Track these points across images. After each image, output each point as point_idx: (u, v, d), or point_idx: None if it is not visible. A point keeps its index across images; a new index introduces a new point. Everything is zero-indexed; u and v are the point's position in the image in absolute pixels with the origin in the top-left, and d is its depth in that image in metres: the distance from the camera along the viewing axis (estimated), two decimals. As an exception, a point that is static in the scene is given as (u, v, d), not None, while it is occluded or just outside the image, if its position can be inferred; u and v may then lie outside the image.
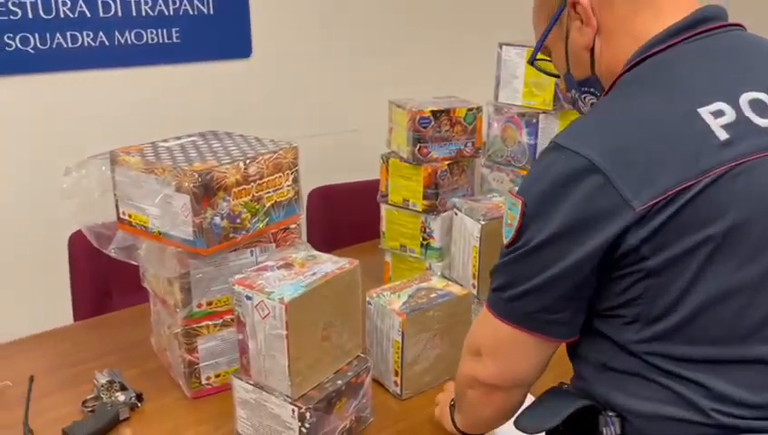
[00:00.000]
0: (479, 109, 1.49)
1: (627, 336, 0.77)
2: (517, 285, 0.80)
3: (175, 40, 2.20)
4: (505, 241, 0.81)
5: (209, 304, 1.19)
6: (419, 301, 1.22)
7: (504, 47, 1.58)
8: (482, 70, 2.04)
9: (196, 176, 1.08)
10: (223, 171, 1.11)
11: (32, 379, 1.26)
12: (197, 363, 1.21)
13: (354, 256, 1.15)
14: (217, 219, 1.12)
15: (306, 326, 1.03)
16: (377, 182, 1.63)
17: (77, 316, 1.66)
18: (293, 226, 1.28)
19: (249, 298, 1.03)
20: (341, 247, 1.82)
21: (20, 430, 1.13)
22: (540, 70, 1.01)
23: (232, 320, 1.20)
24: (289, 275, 1.07)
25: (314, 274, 1.07)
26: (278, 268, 1.09)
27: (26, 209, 2.01)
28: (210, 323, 1.20)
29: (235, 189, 1.14)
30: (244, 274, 1.08)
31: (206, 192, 1.09)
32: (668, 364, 0.75)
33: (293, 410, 1.03)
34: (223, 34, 2.30)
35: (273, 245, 1.25)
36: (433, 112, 1.44)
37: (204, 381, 1.22)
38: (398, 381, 1.22)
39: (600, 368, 0.82)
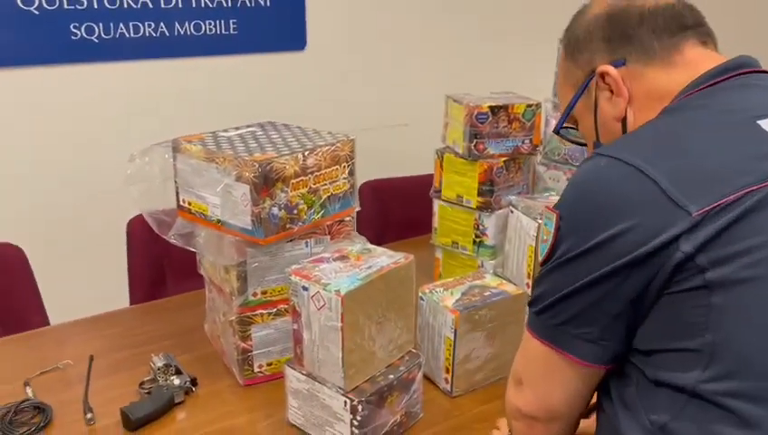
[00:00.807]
0: (538, 105, 1.46)
1: (693, 376, 0.67)
2: (547, 297, 0.76)
3: (232, 31, 2.23)
4: (541, 257, 0.78)
5: (264, 293, 1.20)
6: (473, 299, 1.21)
7: (565, 43, 1.54)
8: (539, 66, 2.00)
9: (257, 166, 1.09)
10: (282, 162, 1.12)
11: (91, 358, 1.30)
12: (251, 351, 1.22)
13: (404, 250, 1.14)
14: (275, 210, 1.13)
15: (361, 319, 1.03)
16: (428, 177, 1.61)
17: (133, 300, 1.70)
18: (348, 218, 1.28)
19: (305, 289, 1.03)
20: (391, 242, 1.82)
21: (80, 407, 1.16)
22: (566, 139, 0.98)
23: (285, 310, 1.21)
24: (345, 267, 1.07)
25: (370, 267, 1.07)
26: (334, 260, 1.09)
27: (87, 194, 2.08)
28: (264, 311, 1.21)
29: (293, 181, 1.15)
30: (300, 264, 1.09)
31: (265, 182, 1.10)
32: (747, 407, 0.65)
33: (345, 402, 1.03)
34: (279, 27, 2.32)
35: (328, 237, 1.25)
36: (491, 108, 1.42)
37: (256, 369, 1.24)
38: (449, 379, 1.21)
39: (657, 433, 0.70)
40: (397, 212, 2.09)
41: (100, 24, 2.01)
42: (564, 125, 0.94)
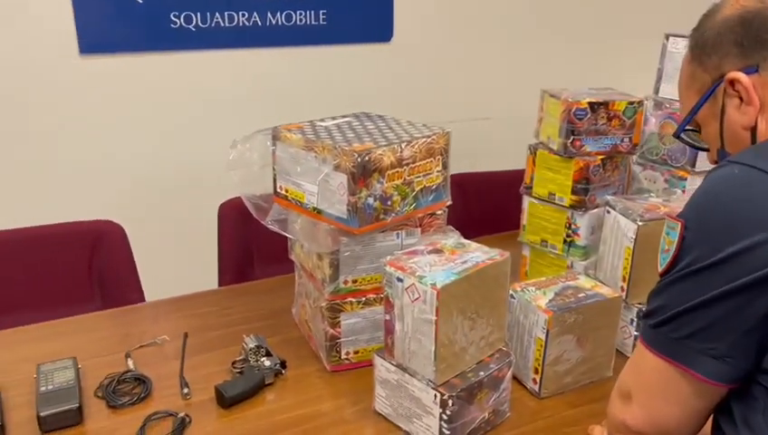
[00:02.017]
0: (640, 103, 1.40)
1: None
2: (668, 309, 0.72)
3: (321, 22, 2.26)
4: (661, 268, 0.74)
5: (354, 281, 1.22)
6: (566, 300, 1.18)
7: (671, 38, 1.47)
8: (631, 62, 1.93)
9: (356, 156, 1.10)
10: (380, 153, 1.13)
11: (186, 336, 1.35)
12: (339, 338, 1.24)
13: (489, 247, 1.12)
14: (371, 200, 1.14)
15: (455, 314, 1.03)
16: (510, 173, 1.58)
17: (221, 282, 1.76)
18: (439, 211, 1.27)
19: (400, 280, 1.03)
20: (473, 237, 1.79)
21: (177, 381, 1.21)
22: (687, 143, 0.94)
23: (374, 299, 1.22)
24: (440, 260, 1.06)
25: (465, 262, 1.06)
26: (428, 253, 1.09)
27: (183, 177, 2.16)
28: (354, 300, 1.22)
29: (389, 172, 1.15)
30: (394, 255, 1.09)
31: (362, 172, 1.11)
32: None
33: (436, 396, 1.03)
34: (366, 18, 2.34)
35: (419, 229, 1.25)
36: (590, 104, 1.37)
37: (343, 356, 1.25)
38: (537, 380, 1.18)
39: None
40: (479, 207, 2.06)
41: (198, 14, 2.08)
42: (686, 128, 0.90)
